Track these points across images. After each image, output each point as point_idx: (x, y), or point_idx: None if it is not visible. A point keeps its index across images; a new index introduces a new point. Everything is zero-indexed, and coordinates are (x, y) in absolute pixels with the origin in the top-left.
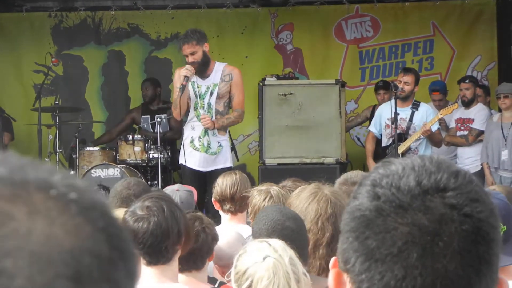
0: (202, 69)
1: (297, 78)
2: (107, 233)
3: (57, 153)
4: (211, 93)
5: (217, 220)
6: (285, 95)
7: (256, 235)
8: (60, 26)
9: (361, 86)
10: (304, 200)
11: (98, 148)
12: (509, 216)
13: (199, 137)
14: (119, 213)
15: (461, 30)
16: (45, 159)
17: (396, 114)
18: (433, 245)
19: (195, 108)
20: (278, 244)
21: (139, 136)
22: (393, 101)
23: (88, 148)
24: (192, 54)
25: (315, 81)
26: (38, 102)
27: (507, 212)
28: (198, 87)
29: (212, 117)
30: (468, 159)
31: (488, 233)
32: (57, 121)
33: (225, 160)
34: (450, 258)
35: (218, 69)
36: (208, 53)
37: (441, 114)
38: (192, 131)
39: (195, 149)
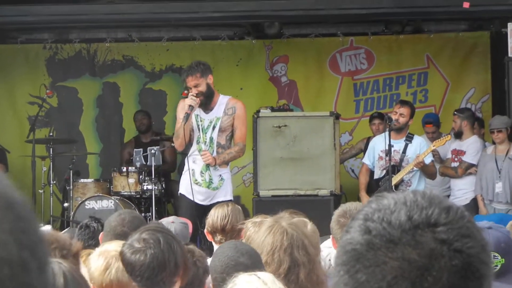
0: (206, 101)
1: (291, 110)
2: (15, 234)
3: (51, 185)
4: (214, 127)
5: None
6: (279, 127)
7: (211, 271)
8: (55, 57)
9: (355, 118)
10: (261, 233)
11: (92, 180)
12: (509, 249)
13: (201, 172)
14: (115, 245)
15: (455, 62)
16: (39, 190)
17: (390, 146)
18: (423, 280)
19: (198, 142)
20: (267, 277)
21: (133, 167)
22: (386, 133)
23: (82, 180)
24: (196, 86)
25: (309, 113)
26: (32, 133)
27: (507, 245)
28: (201, 121)
29: (213, 151)
30: (459, 191)
31: (478, 269)
32: (51, 152)
33: (226, 193)
34: None
35: (222, 102)
36: (212, 85)
37: (434, 146)
38: (194, 164)
39: (197, 183)
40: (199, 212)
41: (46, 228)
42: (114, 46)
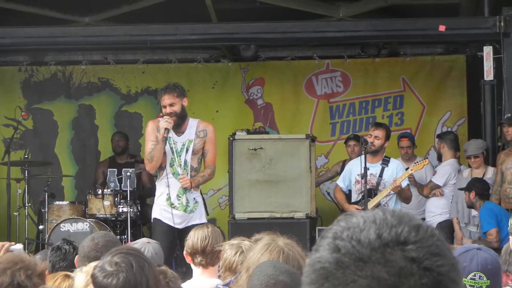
0: (179, 122)
1: (267, 133)
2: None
3: (26, 207)
4: (187, 150)
5: (189, 274)
6: (255, 149)
7: None
8: (30, 80)
9: (331, 141)
10: (257, 251)
11: (67, 202)
12: (495, 271)
13: (178, 196)
14: (89, 268)
15: (431, 86)
16: (14, 213)
17: (366, 169)
18: None
19: (171, 165)
20: None
21: (109, 190)
22: (362, 156)
23: (57, 202)
24: (171, 105)
25: (285, 135)
26: (7, 156)
27: (493, 268)
28: (174, 143)
29: (187, 174)
30: (429, 213)
31: (448, 287)
32: (26, 175)
33: (201, 215)
34: None
35: (192, 125)
36: (185, 108)
37: (411, 170)
38: (168, 187)
39: (173, 207)
40: (174, 236)
41: (18, 246)
42: (89, 69)
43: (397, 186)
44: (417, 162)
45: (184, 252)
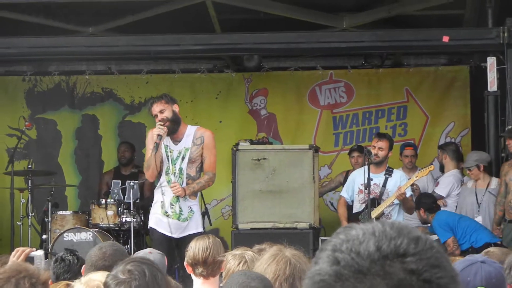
0: (174, 128)
1: (270, 143)
2: None
3: (30, 217)
4: (183, 158)
5: (189, 285)
6: (258, 160)
7: None
8: (34, 90)
9: (334, 151)
10: (264, 261)
11: (71, 212)
12: (500, 284)
13: (171, 204)
14: (100, 275)
15: (434, 96)
16: (18, 222)
17: (369, 179)
18: None
19: (167, 173)
20: None
21: (112, 200)
22: (366, 167)
23: (60, 212)
24: (161, 112)
25: (288, 146)
26: (11, 165)
27: (498, 281)
28: (170, 152)
29: (183, 182)
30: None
31: None
32: (29, 184)
33: (197, 225)
34: None
35: (190, 133)
36: (178, 114)
37: (416, 177)
38: (163, 195)
39: (166, 215)
40: (171, 246)
41: (39, 253)
42: (93, 79)
43: (402, 194)
44: (421, 170)
45: (185, 263)
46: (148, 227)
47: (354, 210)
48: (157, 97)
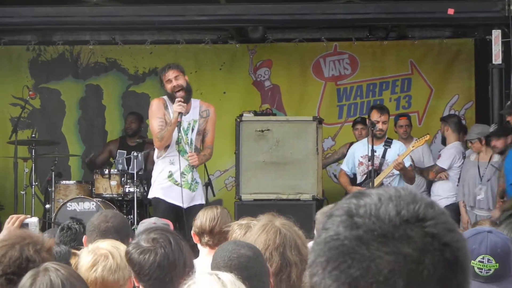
0: (188, 97)
1: (274, 115)
2: None
3: (33, 186)
4: (192, 129)
5: (195, 255)
6: (262, 131)
7: (214, 269)
8: (38, 59)
9: (338, 123)
10: (254, 232)
11: (74, 181)
12: (505, 255)
13: (183, 173)
14: (108, 243)
15: (439, 69)
16: (21, 192)
17: (373, 151)
18: (418, 273)
19: (178, 142)
20: (227, 278)
21: (115, 170)
22: (365, 139)
23: (64, 182)
24: (176, 78)
25: (292, 117)
26: (14, 135)
27: (503, 252)
28: (181, 122)
29: (194, 151)
30: (436, 196)
31: (464, 262)
32: (33, 154)
33: (201, 196)
34: (434, 286)
35: (195, 105)
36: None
37: (413, 147)
38: (171, 165)
39: (176, 184)
40: (176, 215)
41: (33, 220)
42: (97, 49)
43: (399, 163)
44: (417, 140)
45: (192, 232)
46: (152, 197)
47: (357, 182)
48: (171, 64)
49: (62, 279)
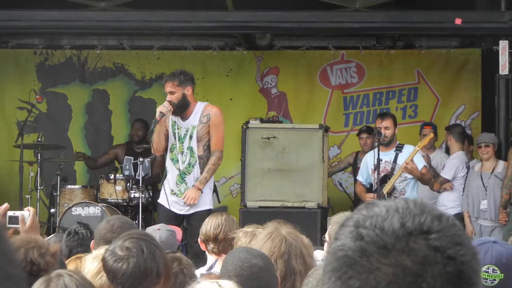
0: (179, 112)
1: (280, 122)
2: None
3: (38, 190)
4: (190, 136)
5: (203, 261)
6: (268, 138)
7: (224, 277)
8: (45, 63)
9: (344, 131)
10: (260, 239)
11: (79, 186)
12: (511, 265)
13: (176, 183)
14: (102, 252)
15: (445, 78)
16: (26, 196)
17: (378, 160)
18: (417, 286)
19: (171, 150)
20: (228, 285)
21: (121, 175)
22: (376, 149)
23: (69, 186)
24: (171, 93)
25: (298, 125)
26: (20, 138)
27: (508, 262)
28: (178, 128)
29: (196, 162)
30: (442, 207)
31: (470, 276)
32: (39, 158)
33: (205, 203)
34: None
35: (198, 110)
36: (189, 97)
37: (418, 147)
38: (167, 173)
39: (173, 194)
40: (178, 222)
41: (25, 213)
42: (105, 53)
43: (407, 165)
44: (421, 140)
45: (199, 239)
46: (158, 202)
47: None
48: (172, 75)
49: (77, 284)
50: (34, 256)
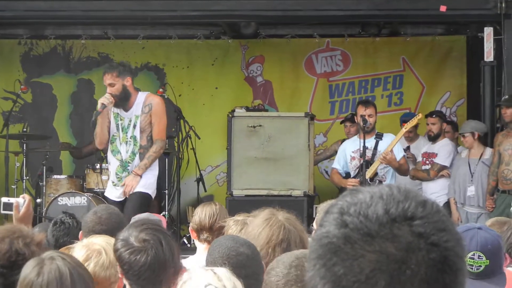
0: (121, 103)
1: (266, 110)
2: None
3: (24, 181)
4: (134, 126)
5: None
6: (254, 127)
7: (210, 265)
8: (30, 53)
9: (330, 119)
10: (257, 226)
11: (65, 176)
12: (495, 251)
13: (116, 173)
14: (102, 239)
15: (431, 66)
16: (12, 186)
17: (365, 147)
18: (400, 273)
19: (112, 142)
20: (223, 272)
21: (107, 164)
22: (355, 136)
23: (55, 176)
24: (111, 85)
25: (284, 113)
26: (6, 129)
27: (493, 247)
28: (121, 120)
29: (137, 150)
30: (432, 194)
31: (454, 262)
32: (24, 148)
33: (139, 185)
34: (417, 286)
35: (140, 100)
36: (129, 87)
37: (405, 128)
38: (108, 165)
39: (114, 185)
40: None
41: (19, 200)
42: (89, 43)
43: (385, 156)
44: (408, 122)
45: (190, 228)
46: (104, 195)
47: (351, 177)
48: (110, 67)
49: (70, 268)
50: (19, 246)
